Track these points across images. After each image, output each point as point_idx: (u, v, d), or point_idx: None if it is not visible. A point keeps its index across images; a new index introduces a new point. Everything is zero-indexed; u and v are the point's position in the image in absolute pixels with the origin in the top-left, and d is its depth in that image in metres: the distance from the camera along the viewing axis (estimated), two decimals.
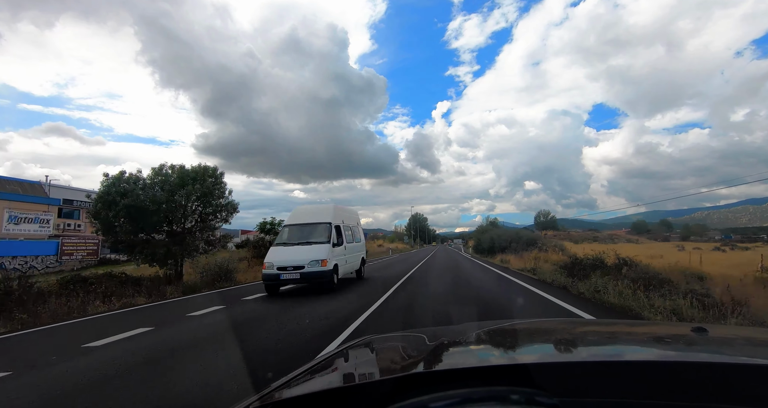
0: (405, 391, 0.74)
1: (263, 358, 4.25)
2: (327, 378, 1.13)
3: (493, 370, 0.90)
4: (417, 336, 1.44)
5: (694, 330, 1.09)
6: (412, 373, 0.89)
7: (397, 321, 6.00)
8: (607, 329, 1.56)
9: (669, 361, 0.91)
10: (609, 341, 1.27)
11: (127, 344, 5.08)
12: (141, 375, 3.82)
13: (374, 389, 0.85)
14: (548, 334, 1.42)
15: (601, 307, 6.80)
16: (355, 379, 1.10)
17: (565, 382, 0.78)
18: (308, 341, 4.89)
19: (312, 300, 8.32)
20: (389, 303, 7.76)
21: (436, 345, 1.19)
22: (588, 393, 0.75)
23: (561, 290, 9.22)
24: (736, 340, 1.20)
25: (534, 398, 0.66)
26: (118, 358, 4.40)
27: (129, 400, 3.25)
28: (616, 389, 0.75)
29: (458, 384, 0.75)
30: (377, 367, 1.25)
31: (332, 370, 1.19)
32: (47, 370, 4.12)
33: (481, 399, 0.68)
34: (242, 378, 3.56)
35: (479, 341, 1.34)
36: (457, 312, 6.46)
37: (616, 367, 0.85)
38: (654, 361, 0.90)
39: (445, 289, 10.09)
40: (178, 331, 5.83)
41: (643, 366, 0.84)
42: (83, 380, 3.70)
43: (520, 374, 0.78)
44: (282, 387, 0.97)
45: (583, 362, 0.96)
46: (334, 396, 0.86)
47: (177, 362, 4.24)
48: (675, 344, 1.13)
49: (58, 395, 3.38)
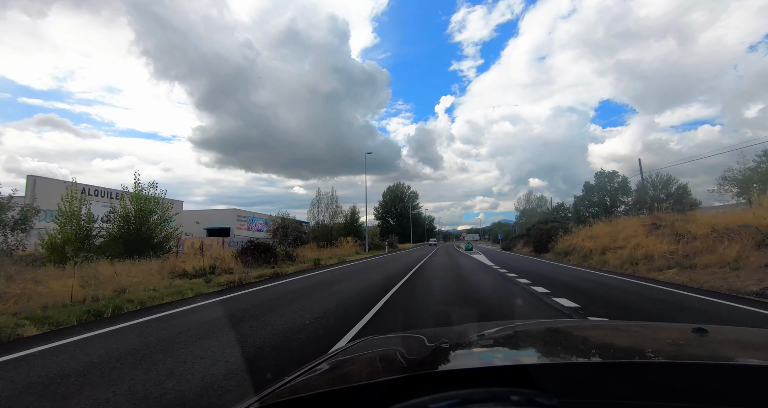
0: (405, 392, 0.74)
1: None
2: (327, 379, 1.13)
3: (493, 371, 0.92)
4: (417, 337, 1.47)
5: (695, 331, 1.11)
6: (412, 375, 0.90)
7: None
8: (607, 330, 1.56)
9: (669, 362, 0.91)
10: (609, 342, 1.28)
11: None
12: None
13: (374, 390, 0.84)
14: (548, 335, 1.44)
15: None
16: (354, 380, 1.08)
17: (565, 383, 0.79)
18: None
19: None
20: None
21: (436, 346, 1.20)
22: (588, 394, 0.77)
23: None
24: (737, 341, 1.20)
25: (534, 399, 0.67)
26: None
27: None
28: (616, 390, 0.77)
29: (458, 385, 0.77)
30: (377, 367, 1.23)
31: (332, 371, 1.20)
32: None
33: (481, 400, 0.69)
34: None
35: (479, 342, 1.33)
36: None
37: (616, 368, 0.88)
38: (654, 362, 0.92)
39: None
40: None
41: (643, 367, 0.86)
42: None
43: (520, 375, 0.81)
44: (281, 388, 0.98)
45: (582, 363, 0.97)
46: (334, 397, 0.85)
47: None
48: (675, 345, 1.12)
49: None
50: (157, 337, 4.76)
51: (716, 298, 7.45)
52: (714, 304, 6.80)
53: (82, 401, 2.89)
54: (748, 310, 6.27)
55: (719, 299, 7.28)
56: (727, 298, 7.44)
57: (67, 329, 5.36)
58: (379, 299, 7.40)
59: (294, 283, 10.90)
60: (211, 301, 7.74)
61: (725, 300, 7.19)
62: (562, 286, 9.45)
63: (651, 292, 8.46)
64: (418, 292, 8.53)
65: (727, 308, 6.45)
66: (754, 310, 6.26)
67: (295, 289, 9.50)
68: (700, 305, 6.73)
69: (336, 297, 7.91)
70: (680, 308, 6.53)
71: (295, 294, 8.53)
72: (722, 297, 7.54)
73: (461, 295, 8.08)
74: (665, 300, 7.33)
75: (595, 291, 8.64)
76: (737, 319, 5.73)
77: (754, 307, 6.49)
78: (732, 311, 6.21)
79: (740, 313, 6.05)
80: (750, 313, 6.04)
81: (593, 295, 8.08)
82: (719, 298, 7.37)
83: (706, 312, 6.18)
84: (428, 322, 5.49)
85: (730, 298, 7.36)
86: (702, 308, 6.46)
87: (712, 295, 7.83)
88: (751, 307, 6.49)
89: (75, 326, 5.53)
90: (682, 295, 7.85)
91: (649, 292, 8.47)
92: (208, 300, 7.82)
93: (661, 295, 8.00)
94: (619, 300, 7.50)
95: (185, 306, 7.05)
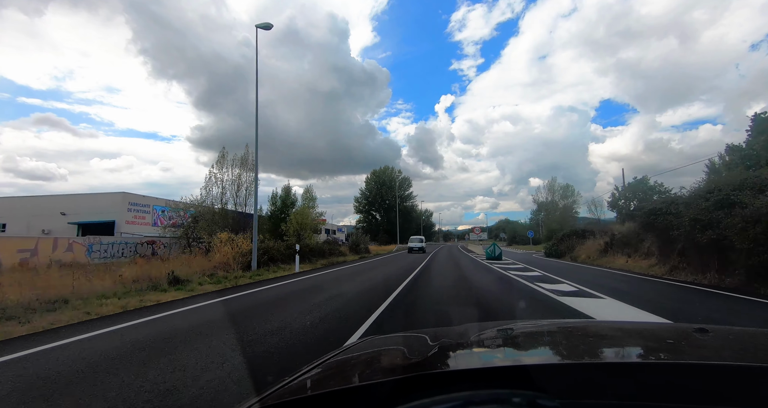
0: (406, 393, 0.74)
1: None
2: (328, 379, 1.12)
3: (494, 371, 0.92)
4: (418, 337, 1.46)
5: (696, 331, 1.11)
6: (413, 375, 0.89)
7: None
8: (608, 330, 1.53)
9: (670, 362, 0.92)
10: (610, 342, 1.26)
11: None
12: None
13: (375, 391, 0.84)
14: (549, 336, 1.42)
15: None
16: (356, 380, 1.07)
17: (565, 383, 0.79)
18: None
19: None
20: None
21: (437, 346, 1.20)
22: (589, 394, 0.76)
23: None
24: (737, 341, 1.18)
25: (535, 401, 0.66)
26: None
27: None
28: (617, 391, 0.76)
29: (460, 386, 0.77)
30: (378, 368, 1.22)
31: (333, 372, 1.18)
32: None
33: (482, 402, 0.69)
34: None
35: (480, 342, 1.32)
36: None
37: (617, 369, 0.88)
38: (655, 363, 0.91)
39: None
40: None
41: (644, 367, 0.86)
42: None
43: (521, 375, 0.80)
44: (282, 388, 0.96)
45: (584, 364, 0.96)
46: (335, 397, 0.84)
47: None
48: (677, 345, 1.11)
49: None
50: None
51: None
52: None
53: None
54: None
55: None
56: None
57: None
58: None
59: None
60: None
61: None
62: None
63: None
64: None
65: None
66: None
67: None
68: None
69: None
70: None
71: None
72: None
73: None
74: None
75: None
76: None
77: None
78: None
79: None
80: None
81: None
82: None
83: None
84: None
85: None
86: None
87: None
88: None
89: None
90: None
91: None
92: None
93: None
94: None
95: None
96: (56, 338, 5.12)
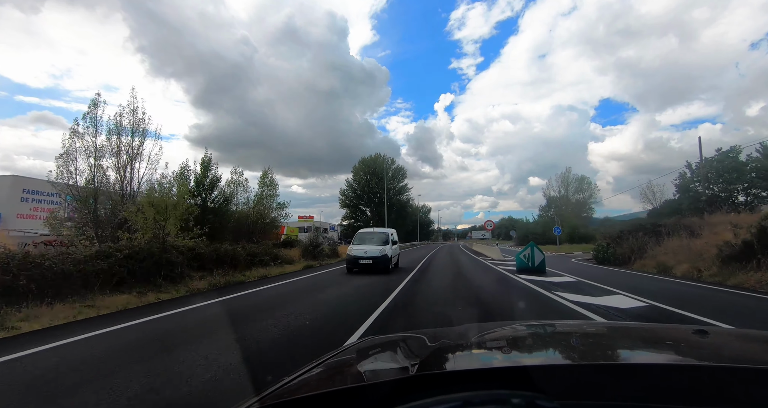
0: (405, 394, 0.73)
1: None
2: (327, 379, 1.12)
3: (493, 372, 0.91)
4: (417, 337, 1.44)
5: (696, 332, 1.10)
6: (412, 376, 0.89)
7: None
8: (607, 331, 1.52)
9: (670, 363, 0.91)
10: (610, 344, 1.25)
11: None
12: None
13: (374, 391, 0.83)
14: (549, 337, 1.41)
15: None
16: (355, 381, 1.07)
17: (565, 384, 0.79)
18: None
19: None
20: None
21: (437, 347, 1.20)
22: (589, 395, 0.76)
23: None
24: (737, 342, 1.19)
25: (535, 402, 0.66)
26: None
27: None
28: (616, 392, 0.76)
29: (459, 386, 0.76)
30: (377, 368, 1.21)
31: (332, 372, 1.17)
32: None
33: (482, 403, 0.69)
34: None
35: (480, 343, 1.31)
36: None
37: (616, 370, 0.87)
38: (654, 364, 0.90)
39: None
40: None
41: (643, 368, 0.85)
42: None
43: (520, 376, 0.80)
44: (281, 389, 0.96)
45: (583, 365, 0.95)
46: (335, 398, 0.84)
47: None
48: (676, 347, 1.12)
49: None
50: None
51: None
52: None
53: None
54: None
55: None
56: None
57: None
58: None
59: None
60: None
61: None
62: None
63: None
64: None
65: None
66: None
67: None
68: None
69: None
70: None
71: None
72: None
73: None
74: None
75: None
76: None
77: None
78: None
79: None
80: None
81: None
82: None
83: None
84: None
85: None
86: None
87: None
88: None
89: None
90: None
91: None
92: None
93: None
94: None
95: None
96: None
